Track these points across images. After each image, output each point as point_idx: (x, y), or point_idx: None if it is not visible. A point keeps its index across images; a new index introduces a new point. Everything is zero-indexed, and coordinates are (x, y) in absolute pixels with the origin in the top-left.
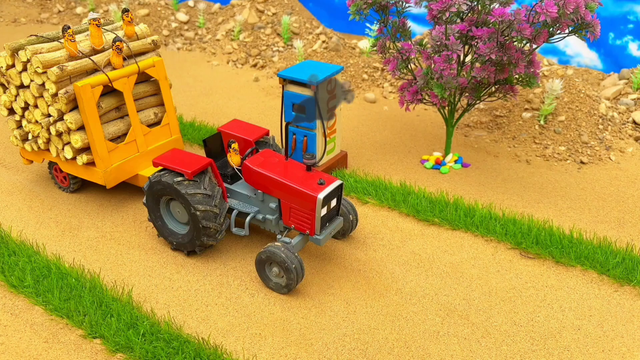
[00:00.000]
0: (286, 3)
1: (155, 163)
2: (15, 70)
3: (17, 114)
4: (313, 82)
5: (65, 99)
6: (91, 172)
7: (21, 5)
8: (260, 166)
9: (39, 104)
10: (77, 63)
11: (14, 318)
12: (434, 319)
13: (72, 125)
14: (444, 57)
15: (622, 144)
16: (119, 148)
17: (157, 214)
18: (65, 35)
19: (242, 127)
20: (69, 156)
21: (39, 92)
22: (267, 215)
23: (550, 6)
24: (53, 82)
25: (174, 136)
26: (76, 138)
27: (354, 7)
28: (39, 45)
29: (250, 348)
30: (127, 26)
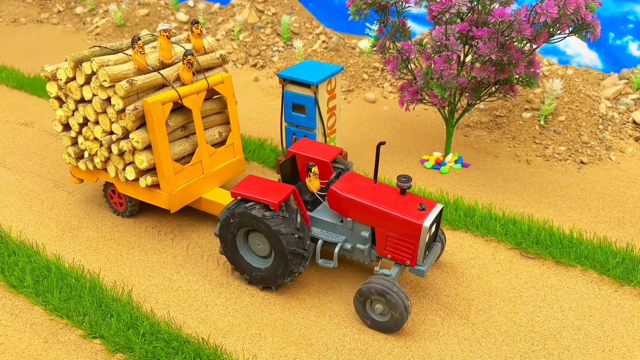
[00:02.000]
0: (286, 3)
1: (235, 194)
2: (76, 84)
3: (74, 130)
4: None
5: (133, 116)
6: (154, 195)
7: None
8: (349, 191)
9: (100, 120)
10: (147, 77)
11: (14, 318)
12: (434, 319)
13: (138, 144)
14: (444, 57)
15: (622, 144)
16: (184, 169)
17: (234, 246)
18: (135, 47)
19: (314, 146)
20: (130, 177)
21: (102, 107)
22: (357, 244)
23: (551, 6)
24: (120, 98)
25: (237, 157)
26: (141, 158)
27: (353, 7)
28: (105, 58)
29: (250, 348)
30: (195, 39)
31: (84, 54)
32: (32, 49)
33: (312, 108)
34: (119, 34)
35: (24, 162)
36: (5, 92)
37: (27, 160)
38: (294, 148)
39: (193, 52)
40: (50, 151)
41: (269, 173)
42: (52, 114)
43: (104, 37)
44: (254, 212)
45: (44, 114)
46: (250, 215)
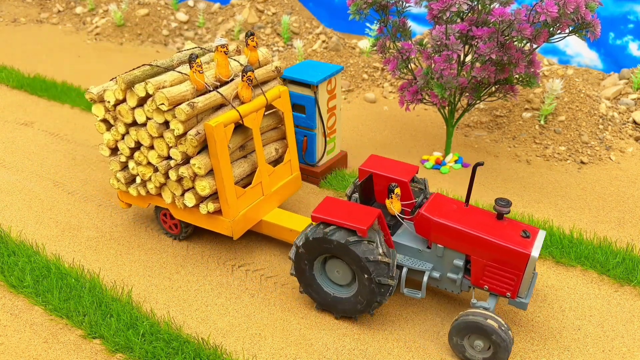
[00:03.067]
0: (286, 3)
1: (316, 218)
2: (127, 106)
3: (123, 155)
4: None
5: (195, 141)
6: (215, 221)
7: (21, 5)
8: (441, 216)
9: (156, 145)
10: (207, 99)
11: (14, 318)
12: (434, 319)
13: (200, 170)
14: (444, 57)
15: (622, 144)
16: (245, 193)
17: (310, 273)
18: (193, 66)
19: (387, 164)
20: (190, 204)
21: (158, 131)
22: (447, 273)
23: (551, 6)
24: (181, 122)
25: (294, 174)
26: (203, 185)
27: (354, 6)
28: (160, 79)
29: (250, 348)
30: (251, 52)
31: (135, 75)
32: (32, 48)
33: (312, 108)
34: (118, 33)
35: (24, 162)
36: (5, 92)
37: (27, 160)
38: (368, 166)
39: (252, 67)
40: (50, 151)
41: None
42: (51, 114)
43: (104, 37)
44: (337, 238)
45: (43, 114)
46: (333, 241)
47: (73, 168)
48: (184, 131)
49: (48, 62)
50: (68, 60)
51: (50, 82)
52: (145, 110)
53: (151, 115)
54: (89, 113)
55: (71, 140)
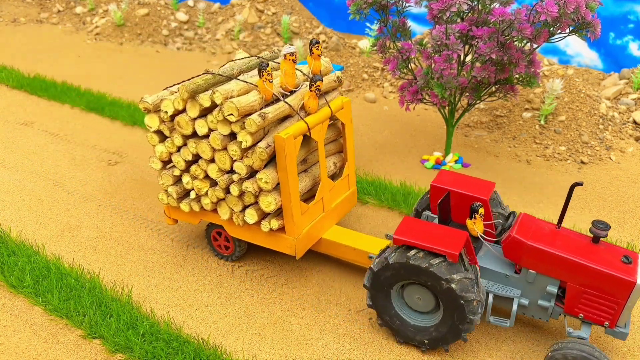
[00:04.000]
0: (286, 3)
1: (399, 240)
2: (186, 117)
3: (177, 168)
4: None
5: (265, 154)
6: (277, 239)
7: (20, 5)
8: (534, 239)
9: (217, 158)
10: (276, 109)
11: (14, 318)
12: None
13: (266, 185)
14: (444, 57)
15: (622, 144)
16: (309, 209)
17: (387, 300)
18: (264, 75)
19: (462, 181)
20: (251, 221)
21: (222, 144)
22: (538, 300)
23: (551, 6)
24: (250, 133)
25: (351, 189)
26: (269, 200)
27: (354, 6)
28: (228, 88)
29: (250, 348)
30: (315, 61)
31: (198, 84)
32: (32, 48)
33: None
34: (118, 33)
35: (24, 162)
36: (5, 92)
37: (27, 160)
38: (442, 182)
39: (321, 77)
40: (50, 151)
41: None
42: (51, 114)
43: (104, 37)
44: (423, 263)
45: (43, 114)
46: (419, 267)
47: (73, 168)
48: (252, 143)
49: (48, 62)
50: (68, 60)
51: (50, 82)
52: (208, 122)
53: (215, 127)
54: (89, 113)
55: (71, 140)
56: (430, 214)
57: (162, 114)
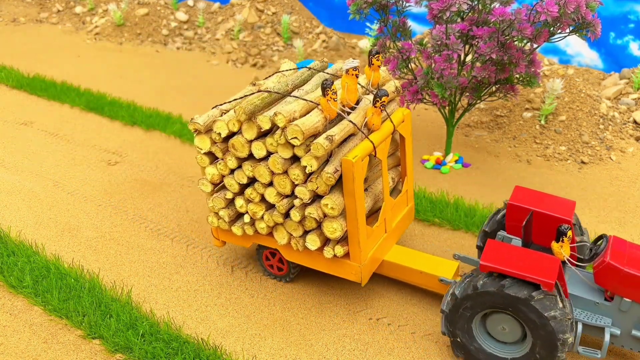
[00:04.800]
0: (286, 2)
1: (487, 267)
2: (242, 139)
3: (230, 191)
4: None
5: (333, 179)
6: (339, 265)
7: (20, 5)
8: (631, 266)
9: (276, 182)
10: (341, 130)
11: (13, 318)
12: (434, 319)
13: (333, 211)
14: (444, 57)
15: (622, 144)
16: (373, 231)
17: (467, 329)
18: (328, 93)
19: (541, 199)
20: (313, 247)
21: (283, 167)
22: (632, 330)
23: (551, 5)
24: (315, 158)
25: (409, 205)
26: (335, 227)
27: (354, 6)
28: (289, 108)
29: (249, 349)
30: (374, 72)
31: (255, 104)
32: (32, 48)
33: None
34: (118, 33)
35: (24, 162)
36: (5, 92)
37: (27, 160)
38: (521, 201)
39: (387, 92)
40: (50, 151)
41: None
42: (51, 114)
43: (104, 37)
44: (514, 292)
45: (43, 114)
46: (509, 295)
47: (73, 168)
48: (318, 167)
49: (47, 61)
50: (67, 60)
51: (50, 82)
52: (267, 144)
53: (275, 149)
54: (89, 113)
55: (71, 140)
56: (505, 234)
57: (215, 135)
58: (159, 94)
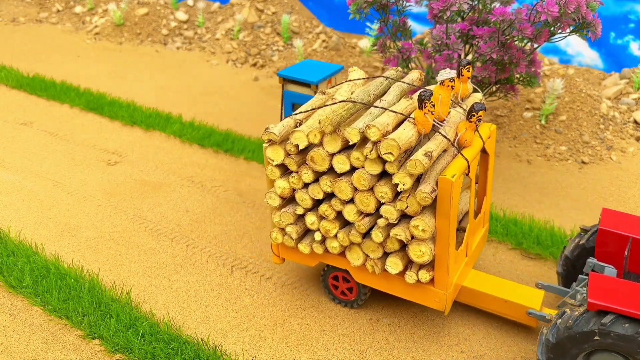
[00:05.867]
0: (286, 2)
1: (596, 305)
2: (323, 152)
3: (301, 207)
4: None
5: (430, 199)
6: (421, 292)
7: (20, 5)
8: None
9: (358, 199)
10: (437, 145)
11: (13, 318)
12: (434, 319)
13: (423, 233)
14: (444, 57)
15: (623, 144)
16: (458, 256)
17: None
18: (427, 106)
19: (635, 223)
20: (394, 271)
21: (369, 184)
22: None
23: (552, 5)
24: (410, 175)
25: (485, 226)
26: (423, 250)
27: (354, 6)
28: (382, 120)
29: (249, 349)
30: (463, 84)
31: (341, 115)
32: (31, 48)
33: None
34: (118, 33)
35: (23, 162)
36: (5, 92)
37: (27, 160)
38: (614, 227)
39: (484, 105)
40: (50, 151)
41: None
42: (51, 114)
43: (103, 37)
44: (630, 332)
45: (43, 114)
46: (624, 336)
47: (72, 168)
48: (411, 185)
49: (47, 61)
50: (67, 59)
51: (50, 82)
52: (352, 158)
53: (360, 164)
54: (88, 113)
55: (70, 140)
56: (596, 262)
57: (290, 146)
58: (159, 94)
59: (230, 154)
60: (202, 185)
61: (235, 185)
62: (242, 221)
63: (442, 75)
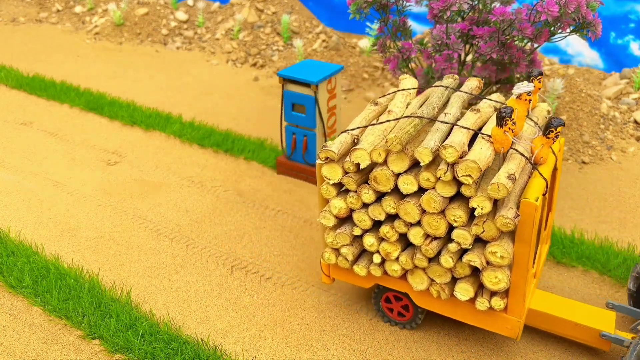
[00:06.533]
0: (286, 2)
1: None
2: (388, 172)
3: (359, 227)
4: None
5: (513, 225)
6: (491, 318)
7: (20, 5)
8: None
9: (426, 222)
10: (516, 166)
11: (13, 318)
12: (435, 319)
13: (502, 260)
14: (444, 56)
15: (623, 144)
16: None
17: None
18: (507, 123)
19: None
20: (465, 297)
21: (442, 206)
22: None
23: (552, 5)
24: (489, 199)
25: (548, 243)
26: (499, 277)
27: (354, 6)
28: (458, 141)
29: (249, 349)
30: (534, 95)
31: (409, 132)
32: (31, 48)
33: (312, 107)
34: (118, 33)
35: (23, 162)
36: (4, 92)
37: (26, 160)
38: None
39: (562, 120)
40: (50, 151)
41: (269, 173)
42: (51, 114)
43: (103, 37)
44: None
45: (42, 114)
46: None
47: (72, 168)
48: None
49: (47, 61)
50: (67, 59)
51: (50, 82)
52: (421, 179)
53: (430, 185)
54: (88, 113)
55: (70, 140)
56: None
57: (349, 165)
58: (159, 94)
59: (230, 154)
60: (202, 185)
61: (235, 185)
62: (242, 221)
63: (520, 88)
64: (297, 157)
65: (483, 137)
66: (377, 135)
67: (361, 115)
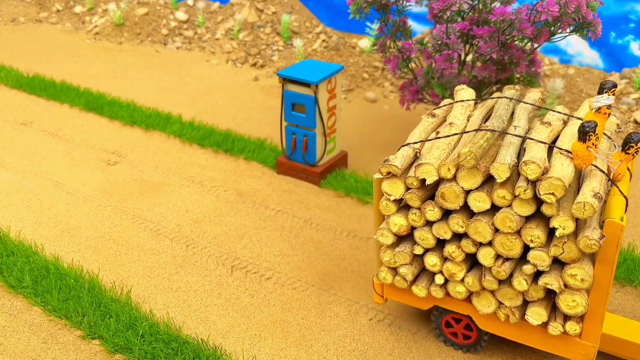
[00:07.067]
0: (286, 2)
1: None
2: (457, 188)
3: (421, 246)
4: None
5: (598, 246)
6: (562, 343)
7: (20, 5)
8: None
9: (498, 242)
10: (600, 184)
11: (12, 318)
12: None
13: (582, 283)
14: (444, 56)
15: None
16: None
17: None
18: (591, 139)
19: None
20: (537, 322)
21: (518, 225)
22: None
23: (552, 5)
24: (573, 219)
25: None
26: (577, 301)
27: (354, 6)
28: (538, 155)
29: (249, 349)
30: None
31: (483, 147)
32: (31, 48)
33: (312, 107)
34: (118, 33)
35: (23, 162)
36: (4, 92)
37: (26, 160)
38: None
39: None
40: (50, 151)
41: (268, 173)
42: (50, 114)
43: (103, 37)
44: None
45: (42, 114)
46: None
47: (72, 168)
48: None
49: (47, 61)
50: (67, 59)
51: (50, 82)
52: (495, 196)
53: (505, 203)
54: (88, 112)
55: (70, 140)
56: None
57: (413, 180)
58: (159, 93)
59: (230, 154)
60: (202, 185)
61: (235, 185)
62: (242, 221)
63: (600, 101)
64: (297, 157)
65: (562, 153)
66: (442, 149)
67: (419, 128)
